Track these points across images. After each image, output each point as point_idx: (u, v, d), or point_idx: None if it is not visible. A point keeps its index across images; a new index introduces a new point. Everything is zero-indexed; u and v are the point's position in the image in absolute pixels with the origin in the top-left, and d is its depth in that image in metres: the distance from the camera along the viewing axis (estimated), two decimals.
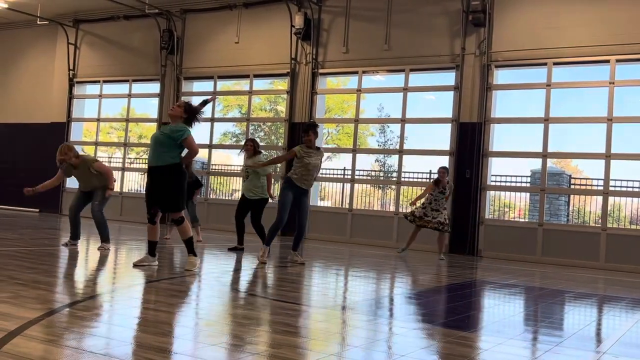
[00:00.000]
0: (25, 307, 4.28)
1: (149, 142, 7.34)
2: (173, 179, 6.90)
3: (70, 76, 19.28)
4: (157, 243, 7.25)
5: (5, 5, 17.99)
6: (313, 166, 8.45)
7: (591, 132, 14.44)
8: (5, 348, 3.19)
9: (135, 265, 7.06)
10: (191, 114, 7.02)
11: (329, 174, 17.48)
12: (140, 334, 3.84)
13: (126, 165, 18.84)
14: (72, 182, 19.29)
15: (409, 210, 12.42)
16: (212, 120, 17.37)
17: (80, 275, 6.65)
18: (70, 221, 8.77)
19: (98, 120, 19.59)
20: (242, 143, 10.53)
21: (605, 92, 12.62)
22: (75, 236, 8.77)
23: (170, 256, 8.85)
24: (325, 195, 19.01)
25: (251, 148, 9.98)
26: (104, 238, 8.69)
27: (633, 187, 13.02)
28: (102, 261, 7.80)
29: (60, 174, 8.74)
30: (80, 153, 8.97)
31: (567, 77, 13.76)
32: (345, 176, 15.98)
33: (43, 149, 19.29)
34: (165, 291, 5.72)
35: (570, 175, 18.73)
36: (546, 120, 13.04)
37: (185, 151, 7.03)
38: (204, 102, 7.15)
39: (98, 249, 8.58)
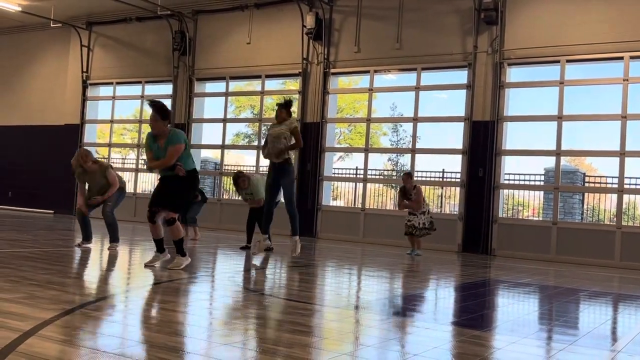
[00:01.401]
0: (40, 307, 4.31)
1: None
2: (189, 183, 6.99)
3: (84, 78, 19.41)
4: (163, 239, 7.25)
5: (19, 9, 18.13)
6: (272, 136, 8.52)
7: (605, 130, 14.34)
8: (20, 348, 3.21)
9: (147, 266, 7.09)
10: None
11: (342, 173, 17.48)
12: (154, 333, 3.85)
13: (139, 166, 18.92)
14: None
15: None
16: (225, 121, 17.42)
17: (94, 276, 6.69)
18: (80, 222, 8.83)
19: (111, 121, 19.70)
20: (234, 179, 10.54)
21: (619, 89, 12.51)
22: (87, 237, 8.83)
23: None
24: (338, 194, 19.02)
25: (245, 183, 10.23)
26: (114, 238, 8.78)
27: None
28: (115, 262, 7.85)
29: (82, 185, 8.81)
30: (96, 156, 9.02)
31: (580, 75, 13.67)
32: (358, 176, 15.96)
33: (57, 150, 19.44)
34: (178, 291, 5.74)
35: (584, 174, 18.61)
36: (559, 118, 12.96)
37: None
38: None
39: (108, 249, 8.68)
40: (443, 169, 15.32)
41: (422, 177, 15.41)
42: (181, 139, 6.85)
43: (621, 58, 12.42)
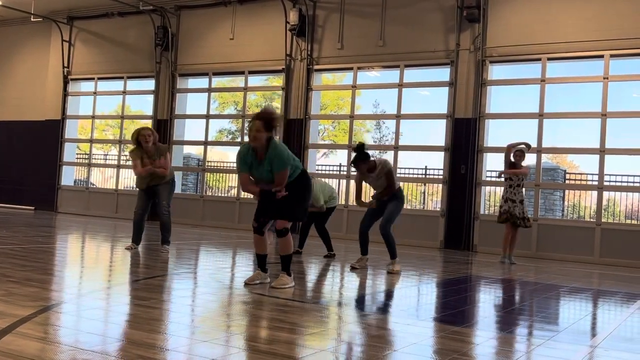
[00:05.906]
0: (18, 304, 4.27)
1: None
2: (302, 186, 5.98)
3: (65, 73, 19.22)
4: (267, 256, 6.20)
5: None
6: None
7: (585, 127, 14.46)
8: None
9: (247, 284, 6.02)
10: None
11: (326, 170, 17.49)
12: (134, 330, 3.83)
13: (121, 162, 18.79)
14: (68, 179, 19.34)
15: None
16: (208, 117, 17.35)
17: (74, 273, 6.64)
18: (135, 225, 8.45)
19: (93, 117, 19.55)
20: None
21: (599, 87, 12.63)
22: (138, 240, 8.49)
23: (164, 256, 8.84)
24: None
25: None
26: (165, 240, 8.46)
27: (628, 182, 13.06)
28: (96, 259, 7.80)
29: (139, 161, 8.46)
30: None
31: (561, 73, 13.77)
32: (341, 172, 15.96)
33: (37, 146, 19.26)
34: (159, 288, 5.72)
35: (565, 171, 18.79)
36: (540, 116, 13.05)
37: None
38: None
39: (161, 251, 8.36)
40: (425, 166, 15.38)
41: (404, 174, 15.45)
42: (284, 157, 5.66)
43: (601, 56, 12.53)
